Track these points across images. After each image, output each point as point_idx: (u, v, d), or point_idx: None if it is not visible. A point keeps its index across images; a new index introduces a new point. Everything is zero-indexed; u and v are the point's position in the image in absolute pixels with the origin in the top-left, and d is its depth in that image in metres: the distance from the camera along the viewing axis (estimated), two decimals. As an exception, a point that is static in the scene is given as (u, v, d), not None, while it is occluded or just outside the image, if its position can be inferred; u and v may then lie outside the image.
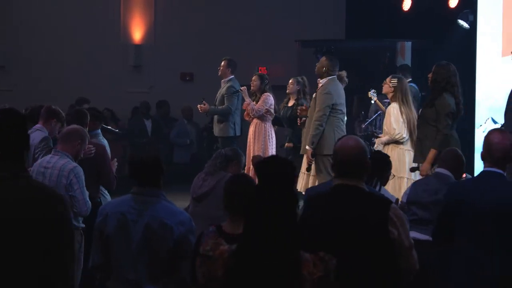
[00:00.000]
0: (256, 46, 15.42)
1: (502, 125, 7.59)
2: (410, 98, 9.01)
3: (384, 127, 9.03)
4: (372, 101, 10.87)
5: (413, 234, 5.82)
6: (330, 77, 9.07)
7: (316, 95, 9.09)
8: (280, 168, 3.37)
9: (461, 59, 11.57)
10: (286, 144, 11.14)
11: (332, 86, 9.03)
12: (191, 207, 6.01)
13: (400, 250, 4.01)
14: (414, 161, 7.97)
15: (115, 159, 7.31)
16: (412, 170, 8.18)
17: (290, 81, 11.20)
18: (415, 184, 6.58)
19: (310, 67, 13.70)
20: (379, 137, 9.30)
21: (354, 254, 3.95)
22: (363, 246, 3.96)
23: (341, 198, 4.09)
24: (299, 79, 11.21)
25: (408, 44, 13.62)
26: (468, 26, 11.65)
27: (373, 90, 10.66)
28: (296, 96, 11.06)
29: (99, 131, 7.66)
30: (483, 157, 4.91)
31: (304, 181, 9.80)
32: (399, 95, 8.90)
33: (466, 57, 11.37)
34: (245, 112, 11.19)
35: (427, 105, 7.83)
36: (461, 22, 11.77)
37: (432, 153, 7.49)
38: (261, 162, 3.44)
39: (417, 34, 13.15)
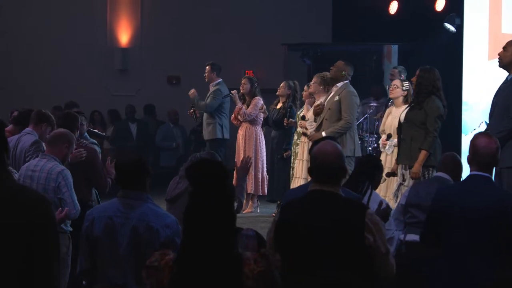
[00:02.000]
0: (243, 49, 15.41)
1: (487, 129, 7.59)
2: None
3: None
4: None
5: (412, 237, 5.81)
6: (346, 81, 9.09)
7: (339, 97, 8.97)
8: (209, 170, 3.34)
9: (447, 63, 11.61)
10: (284, 154, 11.01)
11: (353, 89, 9.08)
12: (166, 209, 6.04)
13: (376, 257, 3.98)
14: (399, 162, 7.89)
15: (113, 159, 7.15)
16: (388, 175, 8.08)
17: (282, 84, 11.18)
18: (415, 186, 6.52)
19: (297, 70, 13.78)
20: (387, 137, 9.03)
21: (331, 260, 3.93)
22: (340, 252, 3.94)
23: (317, 204, 4.07)
24: (291, 83, 11.16)
25: (394, 48, 13.64)
26: (455, 30, 11.68)
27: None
28: (285, 99, 11.04)
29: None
30: (470, 161, 4.89)
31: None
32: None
33: (452, 60, 11.40)
34: (233, 116, 11.16)
35: (413, 107, 7.83)
36: (447, 25, 11.79)
37: (423, 154, 7.52)
38: (190, 166, 3.41)
39: (404, 37, 13.17)
